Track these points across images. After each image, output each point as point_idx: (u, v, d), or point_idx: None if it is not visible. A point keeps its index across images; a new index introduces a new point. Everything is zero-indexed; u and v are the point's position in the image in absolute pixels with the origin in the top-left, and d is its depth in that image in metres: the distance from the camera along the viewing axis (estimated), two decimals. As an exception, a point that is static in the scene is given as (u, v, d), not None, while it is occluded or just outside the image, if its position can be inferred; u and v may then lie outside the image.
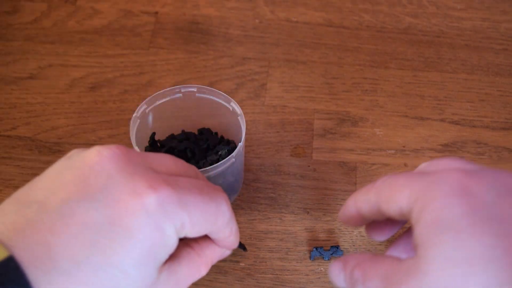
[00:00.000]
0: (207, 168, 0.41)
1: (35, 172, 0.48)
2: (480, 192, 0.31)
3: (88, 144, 0.50)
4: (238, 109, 0.44)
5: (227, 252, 0.38)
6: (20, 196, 0.31)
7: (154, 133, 0.47)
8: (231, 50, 0.58)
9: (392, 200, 0.34)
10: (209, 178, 0.42)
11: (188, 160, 0.46)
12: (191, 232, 0.32)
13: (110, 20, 0.60)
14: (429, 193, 0.32)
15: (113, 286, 0.30)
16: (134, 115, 0.44)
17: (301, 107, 0.54)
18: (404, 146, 0.51)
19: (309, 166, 0.50)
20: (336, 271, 0.37)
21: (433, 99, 0.55)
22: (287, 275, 0.43)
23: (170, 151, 0.47)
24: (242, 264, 0.44)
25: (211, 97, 0.46)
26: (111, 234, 0.29)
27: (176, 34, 0.59)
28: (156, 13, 0.61)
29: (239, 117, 0.44)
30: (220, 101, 0.45)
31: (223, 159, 0.42)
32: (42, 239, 0.28)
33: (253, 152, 0.50)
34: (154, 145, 0.48)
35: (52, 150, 0.50)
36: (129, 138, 0.51)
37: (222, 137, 0.49)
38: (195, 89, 0.45)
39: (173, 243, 0.32)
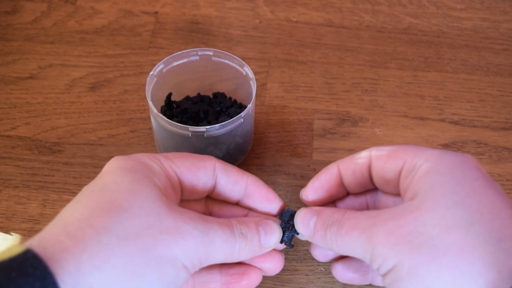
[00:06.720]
0: (216, 125, 0.43)
1: (35, 172, 0.49)
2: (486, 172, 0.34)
3: (88, 144, 0.50)
4: (250, 74, 0.46)
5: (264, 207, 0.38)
6: None
7: (170, 93, 0.49)
8: (231, 50, 0.57)
9: (395, 157, 0.35)
10: (218, 137, 0.44)
11: (200, 121, 0.48)
12: (178, 168, 0.36)
13: (110, 20, 0.60)
14: (443, 156, 0.33)
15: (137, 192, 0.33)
16: (151, 73, 0.46)
17: (301, 107, 0.54)
18: (404, 146, 0.51)
19: (309, 166, 0.50)
20: (308, 218, 0.36)
21: (433, 99, 0.55)
22: (287, 275, 0.43)
23: (184, 111, 0.48)
24: (242, 264, 0.44)
25: (226, 61, 0.48)
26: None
27: (176, 34, 0.59)
28: (156, 13, 0.61)
29: (250, 81, 0.46)
30: (234, 65, 0.47)
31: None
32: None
33: (253, 152, 0.50)
34: (169, 105, 0.49)
35: (52, 150, 0.50)
36: (130, 138, 0.51)
37: (235, 100, 0.50)
38: (211, 53, 0.48)
39: (160, 171, 0.35)
